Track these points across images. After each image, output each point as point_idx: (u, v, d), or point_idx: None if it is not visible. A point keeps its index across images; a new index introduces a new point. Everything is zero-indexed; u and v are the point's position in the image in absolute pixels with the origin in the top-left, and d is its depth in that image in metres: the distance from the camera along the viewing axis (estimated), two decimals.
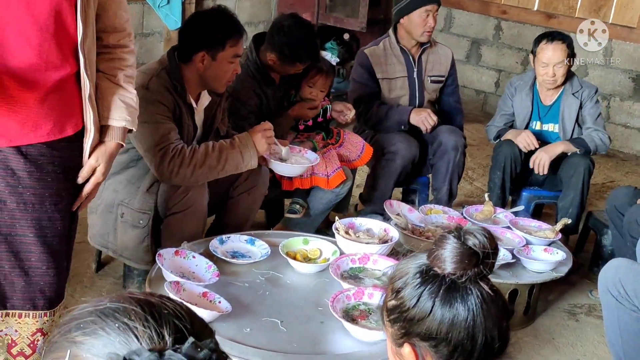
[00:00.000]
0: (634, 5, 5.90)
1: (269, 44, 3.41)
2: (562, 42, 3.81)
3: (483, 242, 1.29)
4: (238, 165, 2.92)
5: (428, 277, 1.31)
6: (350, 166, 3.67)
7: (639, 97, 6.02)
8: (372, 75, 3.96)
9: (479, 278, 1.30)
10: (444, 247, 1.29)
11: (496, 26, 6.57)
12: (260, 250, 2.74)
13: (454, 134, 3.94)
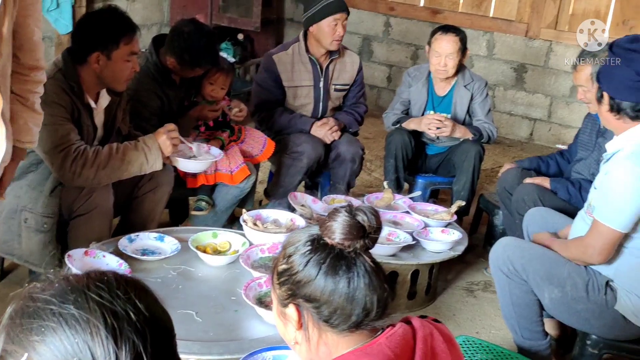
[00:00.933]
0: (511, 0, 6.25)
1: (168, 48, 3.41)
2: (456, 35, 4.01)
3: (370, 219, 1.43)
4: (142, 167, 2.93)
5: (318, 245, 1.43)
6: (253, 161, 3.73)
7: (521, 86, 6.38)
8: (277, 82, 3.97)
9: (362, 250, 1.43)
10: (335, 219, 1.42)
11: (385, 23, 6.79)
12: (170, 246, 2.77)
13: (352, 145, 4.03)
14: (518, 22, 6.25)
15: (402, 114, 4.22)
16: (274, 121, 3.99)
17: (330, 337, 1.43)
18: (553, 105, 6.31)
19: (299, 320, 1.45)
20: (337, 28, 3.87)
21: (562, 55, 6.11)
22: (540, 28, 6.16)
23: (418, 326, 1.46)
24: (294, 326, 1.46)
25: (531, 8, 6.16)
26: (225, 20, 6.16)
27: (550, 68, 6.23)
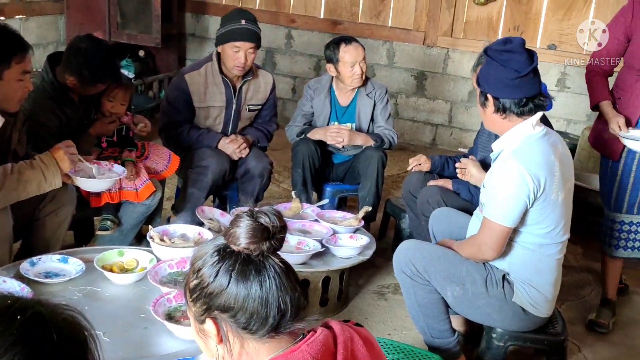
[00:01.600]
0: (408, 9, 6.43)
1: (66, 67, 3.34)
2: (357, 42, 4.12)
3: (273, 220, 1.45)
4: (40, 186, 2.83)
5: (225, 254, 1.44)
6: (158, 177, 3.69)
7: (422, 93, 6.56)
8: (188, 102, 3.92)
9: (270, 252, 1.45)
10: (238, 225, 1.43)
11: (287, 35, 6.85)
12: (75, 267, 2.70)
13: (261, 160, 4.03)
14: (415, 31, 6.43)
15: (305, 126, 4.27)
16: (182, 140, 3.95)
17: (251, 346, 1.44)
18: (453, 111, 6.52)
19: (218, 333, 1.45)
20: (238, 55, 3.82)
21: (459, 61, 6.33)
22: (437, 36, 6.36)
23: (339, 331, 1.48)
24: (214, 341, 1.46)
25: (427, 17, 6.35)
26: (125, 37, 6.07)
27: (448, 74, 6.44)
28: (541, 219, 2.65)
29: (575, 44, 6.04)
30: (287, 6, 6.84)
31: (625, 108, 3.47)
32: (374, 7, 6.56)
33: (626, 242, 3.58)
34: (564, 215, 2.71)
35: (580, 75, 6.01)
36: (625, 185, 3.50)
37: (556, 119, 6.10)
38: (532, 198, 2.58)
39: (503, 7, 6.18)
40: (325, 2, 6.70)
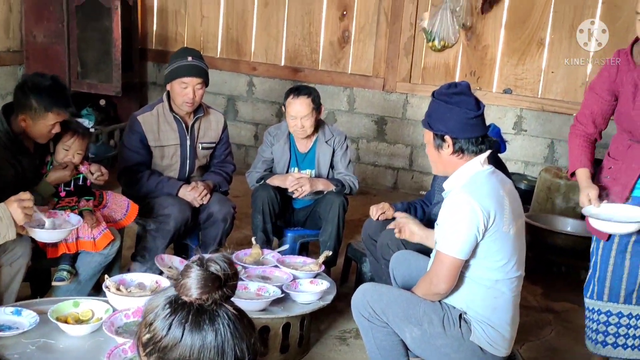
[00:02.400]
0: (367, 56, 6.55)
1: (17, 106, 3.32)
2: (307, 97, 4.13)
3: (224, 267, 1.43)
4: None
5: (177, 306, 1.42)
6: (116, 226, 3.66)
7: (382, 138, 6.65)
8: (143, 143, 3.95)
9: (223, 300, 1.43)
10: (188, 275, 1.41)
11: (249, 82, 6.92)
12: (29, 319, 2.65)
13: (224, 205, 4.04)
14: (375, 77, 6.54)
15: (265, 172, 4.29)
16: (141, 185, 3.94)
17: None
18: (413, 154, 6.60)
19: None
20: (186, 91, 3.90)
21: (418, 106, 6.44)
22: (396, 82, 6.48)
23: None
24: None
25: (386, 64, 6.48)
26: (85, 86, 6.08)
27: (408, 119, 6.54)
28: (493, 251, 2.69)
29: (530, 88, 6.21)
30: (248, 54, 6.92)
31: (617, 179, 3.12)
32: (334, 54, 6.67)
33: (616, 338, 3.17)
34: (516, 250, 2.75)
35: (536, 118, 6.18)
36: (618, 270, 3.09)
37: (514, 162, 6.22)
38: (482, 229, 2.63)
39: (459, 53, 6.32)
40: (285, 50, 6.80)
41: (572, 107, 6.05)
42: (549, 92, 6.18)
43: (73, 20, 5.90)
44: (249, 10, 6.83)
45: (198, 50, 4.19)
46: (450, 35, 6.14)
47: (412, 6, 6.31)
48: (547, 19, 6.05)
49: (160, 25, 7.12)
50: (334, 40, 6.65)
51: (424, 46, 6.37)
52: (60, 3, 5.85)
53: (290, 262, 3.75)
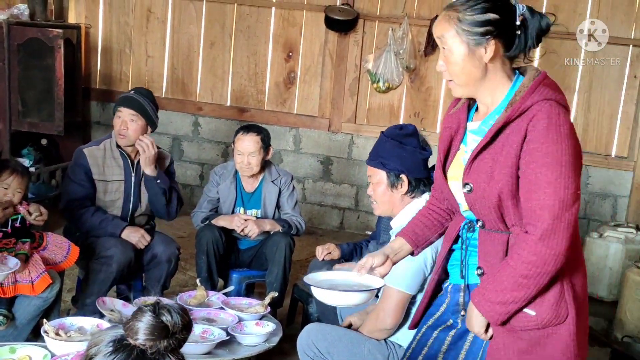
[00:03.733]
0: (313, 96, 6.63)
1: None
2: (257, 135, 4.14)
3: (175, 318, 1.42)
4: None
5: (120, 346, 1.40)
6: (56, 268, 3.57)
7: (328, 178, 6.68)
8: (88, 176, 3.90)
9: (168, 351, 1.42)
10: (139, 319, 1.40)
11: (194, 122, 6.90)
12: None
13: (168, 245, 4.01)
14: (321, 118, 6.60)
15: (211, 212, 4.26)
16: (84, 220, 3.86)
17: None
18: (359, 194, 6.64)
19: None
20: (119, 121, 3.92)
21: (364, 146, 6.51)
22: (342, 122, 6.55)
23: None
24: None
25: (331, 104, 6.55)
26: (26, 125, 5.96)
27: (353, 159, 6.60)
28: None
29: None
30: (193, 94, 6.92)
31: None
32: (280, 95, 6.72)
33: None
34: None
35: None
36: None
37: None
38: (429, 264, 2.66)
39: (403, 94, 6.44)
40: (231, 90, 6.82)
41: None
42: None
43: (14, 59, 5.81)
44: (194, 51, 6.85)
45: (150, 91, 4.15)
46: (395, 77, 6.26)
47: (356, 48, 6.42)
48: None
49: (105, 64, 7.07)
50: (280, 80, 6.71)
51: (369, 87, 6.47)
52: (1, 41, 5.75)
53: (235, 303, 3.70)
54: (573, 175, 1.95)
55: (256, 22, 6.66)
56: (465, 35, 2.02)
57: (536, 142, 1.95)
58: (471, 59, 2.04)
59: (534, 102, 1.98)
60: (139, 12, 6.92)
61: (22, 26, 5.84)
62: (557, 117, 1.96)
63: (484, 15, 2.00)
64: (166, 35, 6.90)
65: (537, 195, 1.95)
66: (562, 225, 1.93)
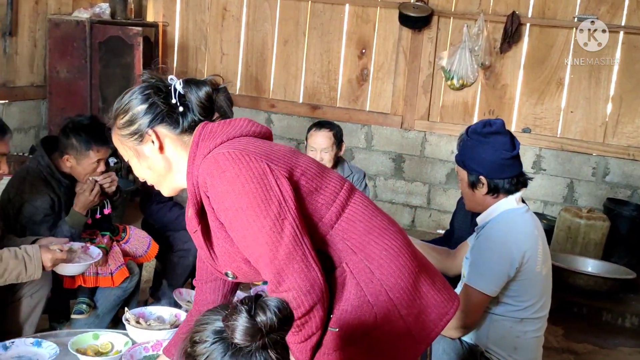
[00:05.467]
0: (386, 93, 6.58)
1: (61, 148, 3.39)
2: (329, 130, 4.14)
3: (271, 320, 1.39)
4: (20, 276, 2.80)
5: (220, 337, 1.40)
6: (136, 261, 3.66)
7: (400, 175, 6.64)
8: None
9: (265, 347, 1.40)
10: (234, 318, 1.39)
11: (267, 119, 6.95)
12: (48, 351, 2.63)
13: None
14: (393, 115, 6.56)
15: None
16: (162, 215, 3.94)
17: None
18: (431, 192, 6.58)
19: None
20: None
21: (436, 144, 6.44)
22: (414, 120, 6.49)
23: None
24: None
25: (404, 102, 6.50)
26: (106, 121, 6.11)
27: (426, 157, 6.53)
28: (523, 291, 2.66)
29: (549, 127, 6.20)
30: (267, 91, 6.98)
31: None
32: (352, 92, 6.71)
33: None
34: (545, 290, 2.72)
35: (555, 157, 6.16)
36: None
37: (533, 201, 6.18)
38: (515, 268, 2.60)
39: (478, 92, 6.34)
40: (304, 87, 6.85)
41: (591, 147, 6.06)
42: (568, 132, 6.17)
43: (96, 56, 5.99)
44: (268, 48, 6.91)
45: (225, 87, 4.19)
46: (469, 74, 6.17)
47: (430, 45, 6.35)
48: (567, 59, 6.06)
49: (181, 61, 7.21)
50: (353, 78, 6.70)
51: (443, 84, 6.40)
52: (84, 39, 5.93)
53: None
54: (260, 212, 1.74)
55: (330, 20, 6.67)
56: (126, 141, 1.96)
57: (215, 202, 1.82)
58: (147, 158, 1.98)
59: (196, 169, 1.86)
60: (214, 10, 7.03)
61: (103, 24, 6.01)
62: (217, 166, 1.79)
63: (127, 115, 1.93)
64: (241, 33, 6.98)
65: (249, 251, 1.80)
66: (282, 262, 1.74)
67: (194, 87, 1.95)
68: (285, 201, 1.76)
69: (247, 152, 1.81)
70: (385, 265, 1.86)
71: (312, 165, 1.94)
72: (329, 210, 1.87)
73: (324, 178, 1.92)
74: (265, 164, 1.79)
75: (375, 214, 1.97)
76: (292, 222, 1.75)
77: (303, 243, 1.76)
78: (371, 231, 1.89)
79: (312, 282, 1.75)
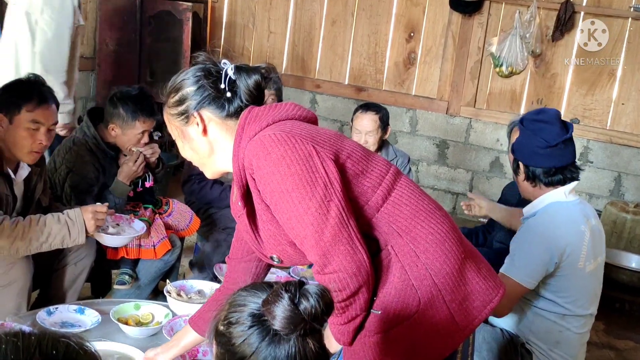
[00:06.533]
0: (433, 78, 6.51)
1: (107, 117, 3.44)
2: (376, 114, 4.10)
3: (314, 308, 1.36)
4: (64, 241, 2.83)
5: (259, 322, 1.38)
6: (178, 235, 3.70)
7: (443, 162, 6.58)
8: None
9: (305, 335, 1.37)
10: (276, 304, 1.36)
11: (312, 100, 6.94)
12: (91, 318, 2.68)
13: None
14: (439, 100, 6.49)
15: None
16: (204, 193, 3.97)
17: None
18: (474, 180, 6.51)
19: None
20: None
21: (482, 132, 6.36)
22: (460, 106, 6.42)
23: None
24: None
25: (451, 87, 6.42)
26: (153, 94, 6.16)
27: (470, 144, 6.46)
28: (564, 286, 2.61)
29: (599, 119, 6.08)
30: (312, 71, 6.95)
31: None
32: (399, 75, 6.65)
33: None
34: (590, 288, 2.68)
35: (603, 150, 6.03)
36: None
37: (578, 194, 6.05)
38: (554, 262, 2.56)
39: (527, 80, 6.23)
40: (350, 68, 6.81)
41: None
42: (618, 124, 6.04)
43: (145, 30, 6.04)
44: (316, 28, 6.88)
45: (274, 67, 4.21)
46: (519, 62, 6.06)
47: (480, 31, 6.26)
48: (620, 50, 5.92)
49: (228, 39, 7.22)
50: (400, 61, 6.64)
51: (491, 71, 6.30)
52: (134, 13, 5.99)
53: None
54: (305, 194, 1.74)
55: (379, 1, 6.60)
56: (174, 121, 1.98)
57: (260, 183, 1.82)
58: (192, 140, 1.99)
59: (242, 152, 1.86)
60: None
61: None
62: (263, 147, 1.79)
63: (177, 94, 1.95)
64: (289, 12, 6.96)
65: (295, 232, 1.79)
66: (328, 243, 1.73)
67: (245, 75, 1.98)
68: (331, 183, 1.76)
69: (292, 134, 1.81)
70: (431, 249, 1.85)
71: (358, 149, 1.93)
72: (375, 194, 1.86)
73: (369, 162, 1.91)
74: (311, 145, 1.79)
75: (422, 197, 1.94)
76: (338, 204, 1.74)
77: (349, 225, 1.75)
78: (417, 214, 1.88)
79: (358, 264, 1.74)
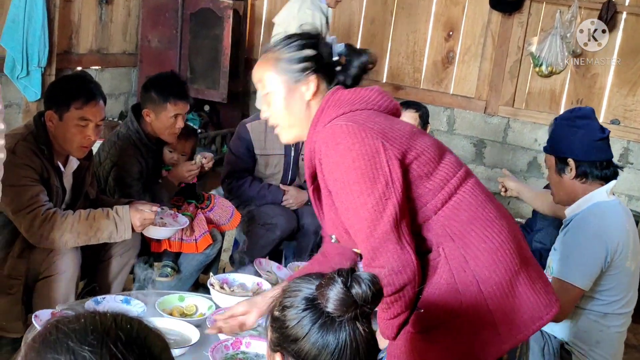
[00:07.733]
0: (471, 77, 6.49)
1: (142, 103, 3.51)
2: (416, 111, 4.13)
3: (365, 292, 1.41)
4: (111, 236, 2.92)
5: (312, 305, 1.43)
6: (219, 229, 3.76)
7: (481, 161, 6.56)
8: (249, 150, 3.99)
9: (356, 319, 1.42)
10: (330, 287, 1.41)
11: None
12: (136, 309, 2.74)
13: (315, 218, 4.06)
14: (477, 99, 6.47)
15: None
16: (243, 190, 4.02)
17: None
18: None
19: None
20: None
21: (520, 131, 6.33)
22: (499, 105, 6.39)
23: None
24: None
25: (489, 86, 6.40)
26: (193, 91, 6.21)
27: (508, 144, 6.43)
28: (611, 285, 2.61)
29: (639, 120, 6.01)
30: None
31: None
32: (437, 74, 6.65)
33: None
34: (633, 286, 2.67)
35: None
36: None
37: (617, 195, 6.00)
38: (608, 261, 2.56)
39: (567, 80, 6.19)
40: (388, 67, 6.82)
41: None
42: None
43: (186, 27, 6.12)
44: (354, 26, 6.90)
45: None
46: (559, 62, 6.01)
47: (520, 30, 6.23)
48: None
49: (268, 36, 7.24)
50: (438, 60, 6.63)
51: (530, 71, 6.27)
52: (176, 10, 6.07)
53: None
54: (365, 189, 1.78)
55: (418, 0, 6.61)
56: (284, 74, 1.96)
57: (325, 171, 1.86)
58: (292, 99, 1.98)
59: (316, 135, 1.90)
60: None
61: None
62: (333, 137, 1.83)
63: (300, 52, 1.94)
64: None
65: (350, 223, 1.84)
66: (378, 240, 1.77)
67: (354, 54, 2.03)
68: (393, 182, 1.79)
69: (364, 127, 1.83)
70: (482, 257, 1.85)
71: (430, 149, 1.93)
72: (435, 197, 1.87)
73: (438, 163, 1.92)
74: (380, 142, 1.82)
75: (484, 204, 1.93)
76: (395, 204, 1.78)
77: (401, 225, 1.79)
78: (474, 221, 1.88)
79: (404, 263, 1.77)
